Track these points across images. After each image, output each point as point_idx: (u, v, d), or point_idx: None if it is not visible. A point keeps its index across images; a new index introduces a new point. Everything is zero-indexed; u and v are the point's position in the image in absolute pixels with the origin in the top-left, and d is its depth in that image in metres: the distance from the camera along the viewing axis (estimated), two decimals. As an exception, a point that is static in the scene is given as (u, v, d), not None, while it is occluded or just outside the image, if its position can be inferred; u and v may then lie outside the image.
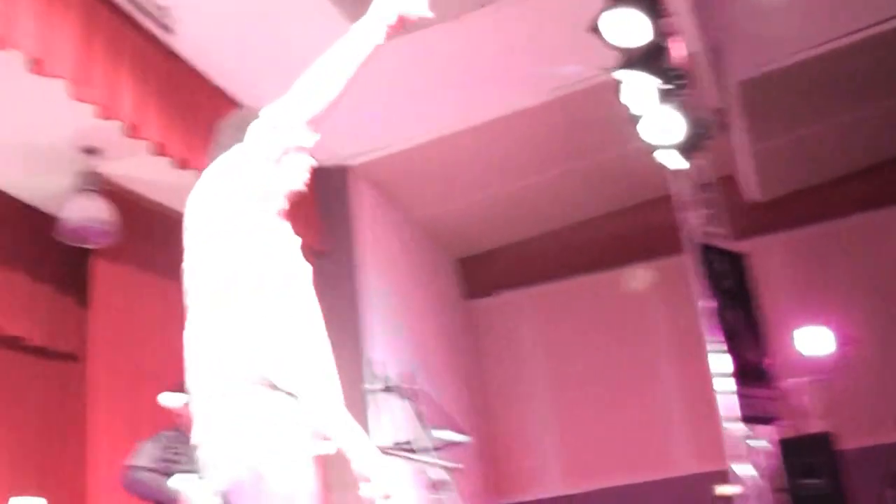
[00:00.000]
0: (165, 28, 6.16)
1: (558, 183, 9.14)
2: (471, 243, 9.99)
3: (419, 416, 6.69)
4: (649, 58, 6.69)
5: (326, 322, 3.04)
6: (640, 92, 6.90)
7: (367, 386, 7.73)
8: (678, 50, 6.89)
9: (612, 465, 9.48)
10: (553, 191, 9.25)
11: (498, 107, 7.75)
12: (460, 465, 5.77)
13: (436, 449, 5.97)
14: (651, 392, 9.60)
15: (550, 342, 10.05)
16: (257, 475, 2.66)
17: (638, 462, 9.37)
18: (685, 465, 9.27)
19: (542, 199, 9.38)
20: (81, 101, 5.68)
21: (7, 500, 7.58)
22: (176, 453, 5.72)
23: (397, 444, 7.27)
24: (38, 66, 5.31)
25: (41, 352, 8.38)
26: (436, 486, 5.46)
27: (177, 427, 5.76)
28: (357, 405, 7.64)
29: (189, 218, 3.08)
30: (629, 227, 9.67)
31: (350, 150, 7.95)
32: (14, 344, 8.13)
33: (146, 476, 5.68)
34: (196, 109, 6.53)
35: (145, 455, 5.78)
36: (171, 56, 6.41)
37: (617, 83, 6.82)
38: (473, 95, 7.53)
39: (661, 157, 7.50)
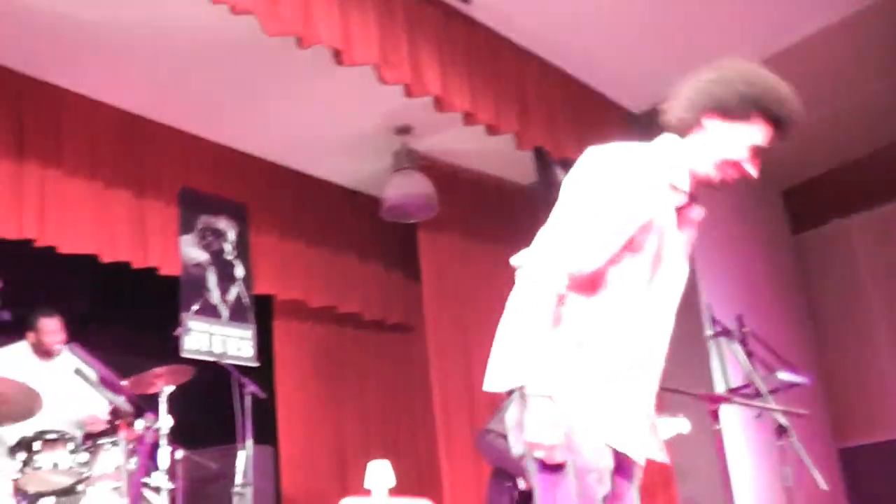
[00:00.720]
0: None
1: (886, 96, 8.33)
2: (794, 173, 9.30)
3: (756, 360, 6.39)
4: None
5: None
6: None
7: (707, 332, 7.55)
8: None
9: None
10: (880, 105, 8.44)
11: (810, 23, 7.10)
12: (805, 411, 5.38)
13: (774, 392, 5.64)
14: None
15: (890, 269, 9.20)
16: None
17: None
18: None
19: (868, 116, 8.56)
20: (389, 83, 5.70)
21: (362, 465, 7.91)
22: None
23: (736, 389, 7.01)
24: (343, 57, 5.36)
25: (377, 325, 8.69)
26: (779, 431, 5.11)
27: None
28: (698, 353, 7.46)
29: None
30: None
31: (660, 94, 7.57)
32: (352, 320, 8.49)
33: (497, 440, 5.74)
34: (501, 75, 6.40)
35: (500, 419, 5.82)
36: (472, 25, 6.29)
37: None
38: (782, 14, 6.93)
39: None
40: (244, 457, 5.14)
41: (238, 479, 4.88)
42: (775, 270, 9.06)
